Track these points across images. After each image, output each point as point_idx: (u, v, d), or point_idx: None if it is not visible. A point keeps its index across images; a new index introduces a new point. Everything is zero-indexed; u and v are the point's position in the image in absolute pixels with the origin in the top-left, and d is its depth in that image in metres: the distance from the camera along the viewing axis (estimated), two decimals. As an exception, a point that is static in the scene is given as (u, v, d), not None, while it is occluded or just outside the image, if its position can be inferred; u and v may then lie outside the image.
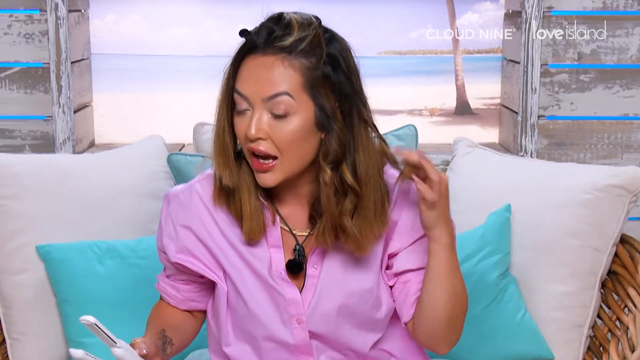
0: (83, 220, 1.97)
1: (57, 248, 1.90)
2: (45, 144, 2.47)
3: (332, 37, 1.39)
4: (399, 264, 1.50)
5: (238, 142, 1.43)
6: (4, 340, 1.94)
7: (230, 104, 1.41)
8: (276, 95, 1.35)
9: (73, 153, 2.40)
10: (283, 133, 1.36)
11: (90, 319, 1.27)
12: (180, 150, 2.45)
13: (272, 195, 1.48)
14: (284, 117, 1.36)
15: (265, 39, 1.36)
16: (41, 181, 1.95)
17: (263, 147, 1.37)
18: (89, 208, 1.98)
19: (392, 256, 1.51)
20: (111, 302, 1.87)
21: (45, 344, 1.93)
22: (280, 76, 1.35)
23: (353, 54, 1.41)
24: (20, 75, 2.44)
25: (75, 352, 1.28)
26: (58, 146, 2.41)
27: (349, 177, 1.39)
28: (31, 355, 1.92)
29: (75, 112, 2.43)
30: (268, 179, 1.39)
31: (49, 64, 2.38)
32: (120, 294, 1.88)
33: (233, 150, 1.43)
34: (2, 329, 1.94)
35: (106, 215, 1.99)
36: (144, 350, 1.36)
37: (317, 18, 1.40)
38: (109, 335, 1.31)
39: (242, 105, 1.38)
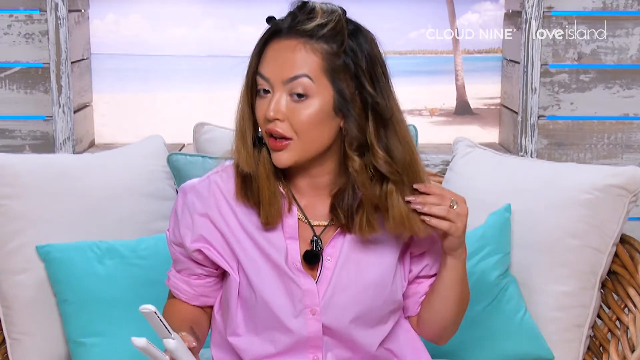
0: (83, 220, 1.97)
1: (57, 248, 1.90)
2: (45, 144, 2.47)
3: (356, 29, 1.42)
4: (416, 270, 1.55)
5: (259, 130, 1.45)
6: (4, 340, 1.94)
7: (252, 88, 1.43)
8: (296, 77, 1.38)
9: (73, 153, 2.40)
10: (301, 116, 1.38)
11: (150, 307, 1.25)
12: (180, 150, 2.45)
13: (290, 186, 1.49)
14: (303, 99, 1.38)
15: (288, 23, 1.40)
16: (41, 181, 1.95)
17: (280, 128, 1.39)
18: (89, 208, 1.98)
19: (411, 255, 1.54)
20: (111, 302, 1.87)
21: (45, 344, 1.93)
22: (301, 59, 1.38)
23: (379, 46, 1.44)
24: (20, 75, 2.44)
25: (138, 340, 1.24)
26: (58, 146, 2.41)
27: (383, 163, 1.40)
28: (31, 355, 1.92)
29: (75, 112, 2.43)
30: (283, 158, 1.41)
31: (49, 64, 2.38)
32: (120, 294, 1.88)
33: (253, 136, 1.45)
34: (2, 329, 1.94)
35: (106, 215, 1.99)
36: (193, 343, 1.36)
37: (342, 9, 1.42)
38: (166, 325, 1.28)
39: (263, 87, 1.41)
